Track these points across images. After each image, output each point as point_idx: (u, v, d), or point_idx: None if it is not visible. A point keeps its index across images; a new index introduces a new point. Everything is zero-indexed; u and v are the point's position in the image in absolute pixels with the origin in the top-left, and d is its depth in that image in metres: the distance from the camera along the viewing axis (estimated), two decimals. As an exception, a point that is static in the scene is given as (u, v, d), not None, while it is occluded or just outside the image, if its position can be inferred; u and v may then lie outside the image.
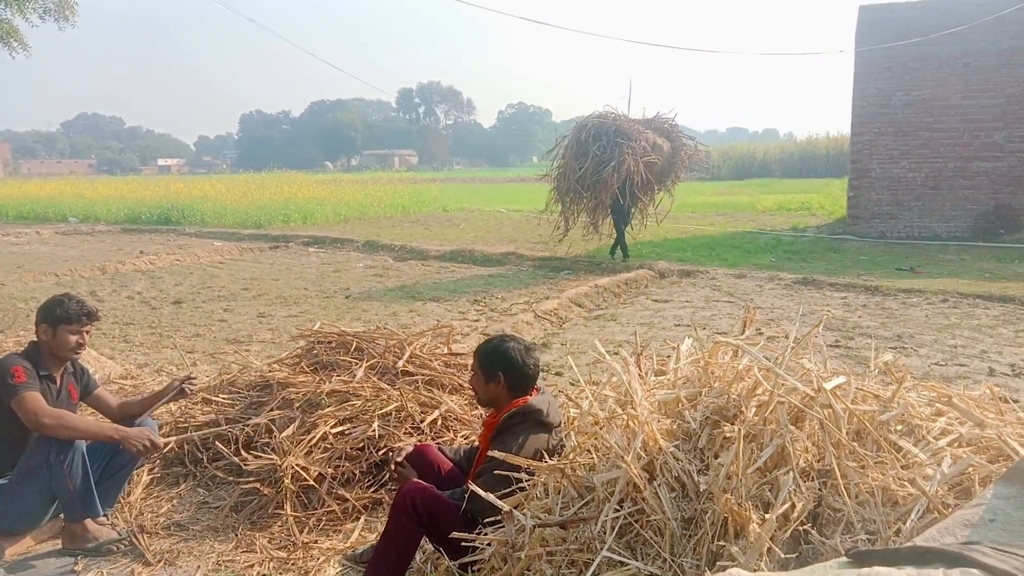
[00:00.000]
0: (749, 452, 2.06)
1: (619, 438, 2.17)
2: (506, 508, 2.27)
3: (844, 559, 1.43)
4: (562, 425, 2.85)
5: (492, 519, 2.41)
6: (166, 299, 9.61)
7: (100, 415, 3.57)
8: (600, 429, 2.31)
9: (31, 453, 3.03)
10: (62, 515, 3.18)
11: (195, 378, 3.71)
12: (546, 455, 2.58)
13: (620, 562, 2.00)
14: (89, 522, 3.16)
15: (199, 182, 35.58)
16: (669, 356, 3.04)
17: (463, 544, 2.42)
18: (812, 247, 13.49)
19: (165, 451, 3.43)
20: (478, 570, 2.42)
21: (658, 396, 2.40)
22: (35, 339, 3.31)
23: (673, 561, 1.98)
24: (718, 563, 1.88)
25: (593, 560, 2.01)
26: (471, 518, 2.58)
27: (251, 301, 9.44)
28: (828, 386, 2.20)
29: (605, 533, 2.05)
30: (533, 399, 2.76)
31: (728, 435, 2.11)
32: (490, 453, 2.53)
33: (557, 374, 5.96)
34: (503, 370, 2.77)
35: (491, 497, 2.29)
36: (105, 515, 3.30)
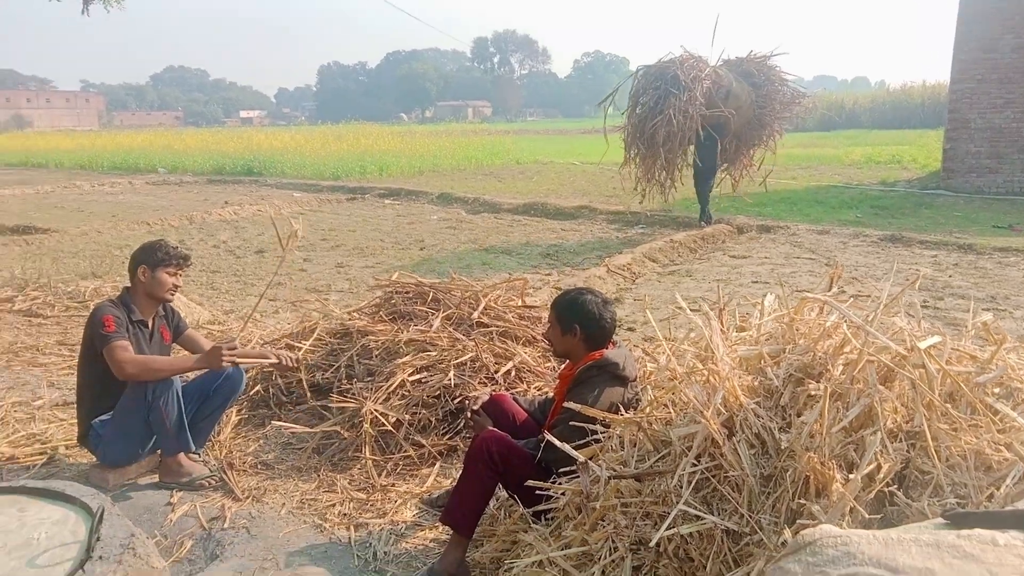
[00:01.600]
0: (834, 411, 2.00)
1: (699, 393, 2.14)
2: (581, 459, 2.28)
3: (940, 520, 1.37)
4: (638, 379, 2.84)
5: (566, 469, 2.42)
6: (249, 248, 9.94)
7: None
8: (679, 384, 2.28)
9: (130, 392, 3.21)
10: (159, 451, 3.38)
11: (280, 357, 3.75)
12: (622, 408, 2.58)
13: (696, 516, 1.99)
14: (183, 458, 3.35)
15: (279, 134, 36.45)
16: (749, 312, 2.97)
17: (537, 492, 2.45)
18: (902, 202, 12.85)
19: (246, 363, 3.55)
20: (551, 518, 2.45)
21: (740, 352, 2.35)
22: (128, 285, 3.46)
23: (751, 517, 1.95)
24: (798, 521, 1.84)
25: (668, 513, 2.00)
26: (545, 467, 2.61)
27: (330, 251, 9.67)
28: (922, 345, 2.10)
29: (682, 487, 2.03)
30: (610, 352, 2.74)
31: (813, 393, 2.05)
32: (566, 404, 2.54)
33: (629, 329, 5.91)
34: (580, 322, 2.76)
35: (567, 447, 2.31)
36: (197, 453, 3.49)
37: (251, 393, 4.15)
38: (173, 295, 3.50)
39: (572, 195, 14.59)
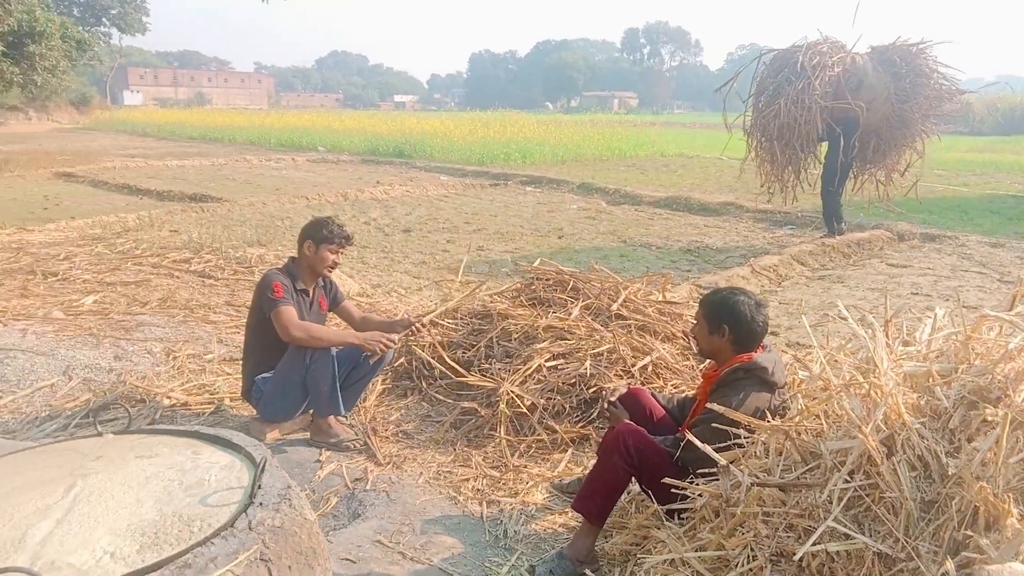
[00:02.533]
0: (1013, 440, 1.83)
1: (857, 407, 2.03)
2: (723, 462, 2.22)
3: None
4: (787, 387, 2.72)
5: (704, 471, 2.37)
6: (397, 227, 10.37)
7: (345, 325, 3.98)
8: (835, 395, 2.17)
9: (291, 355, 3.46)
10: (312, 411, 3.61)
11: (423, 326, 3.91)
12: (768, 415, 2.49)
13: (846, 534, 1.89)
14: (333, 420, 3.57)
15: (430, 118, 37.66)
16: (913, 326, 2.77)
17: (672, 491, 2.41)
18: (1096, 217, 11.51)
19: (397, 346, 3.72)
20: (685, 518, 2.41)
21: (905, 368, 2.20)
22: (294, 255, 3.71)
23: (907, 543, 1.83)
24: (963, 553, 1.71)
25: (815, 528, 1.92)
26: (681, 466, 2.57)
27: (471, 234, 9.91)
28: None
29: (831, 503, 1.94)
30: (759, 356, 2.65)
31: (989, 418, 1.89)
32: (708, 405, 2.48)
33: (772, 333, 5.67)
34: (729, 323, 2.68)
35: (708, 449, 2.26)
36: (345, 416, 3.71)
37: (396, 364, 4.34)
38: (332, 271, 3.72)
39: (717, 191, 14.15)
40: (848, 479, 1.98)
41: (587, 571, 2.48)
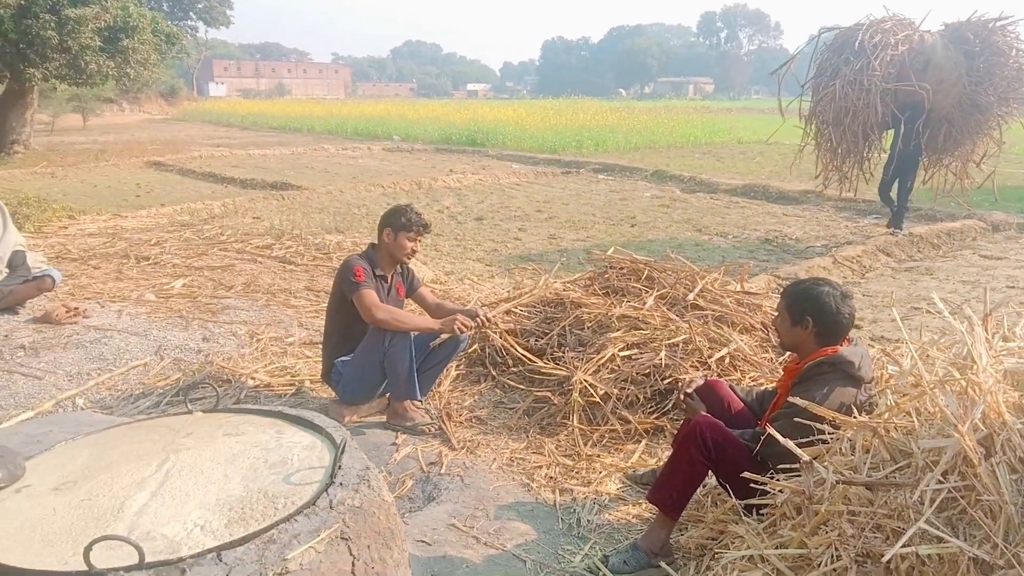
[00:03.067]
0: None
1: (952, 404, 1.93)
2: (806, 458, 2.16)
3: None
4: (874, 382, 2.62)
5: (785, 467, 2.31)
6: (469, 215, 10.44)
7: (420, 311, 4.04)
8: (928, 391, 2.07)
9: (370, 338, 3.53)
10: (388, 395, 3.69)
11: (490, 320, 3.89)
12: (854, 410, 2.40)
13: (938, 537, 1.81)
14: (409, 404, 3.63)
15: (502, 107, 37.74)
16: (1013, 322, 2.62)
17: (751, 486, 2.36)
18: None
19: (471, 332, 3.75)
20: (764, 514, 2.35)
21: (1006, 364, 2.08)
22: (374, 242, 3.78)
23: (1006, 549, 1.74)
24: (1069, 564, 1.61)
25: (905, 529, 1.84)
26: (760, 461, 2.51)
27: (543, 222, 9.90)
28: None
29: (923, 504, 1.86)
30: (844, 349, 2.55)
31: (1100, 421, 1.77)
32: (790, 399, 2.41)
33: (855, 327, 5.46)
34: (813, 315, 2.59)
35: (790, 444, 2.19)
36: (421, 400, 3.77)
37: (470, 351, 4.38)
38: (410, 258, 3.78)
39: (797, 178, 13.68)
40: (942, 480, 1.89)
41: (662, 563, 2.45)
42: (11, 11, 13.74)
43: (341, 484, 2.25)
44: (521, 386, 3.99)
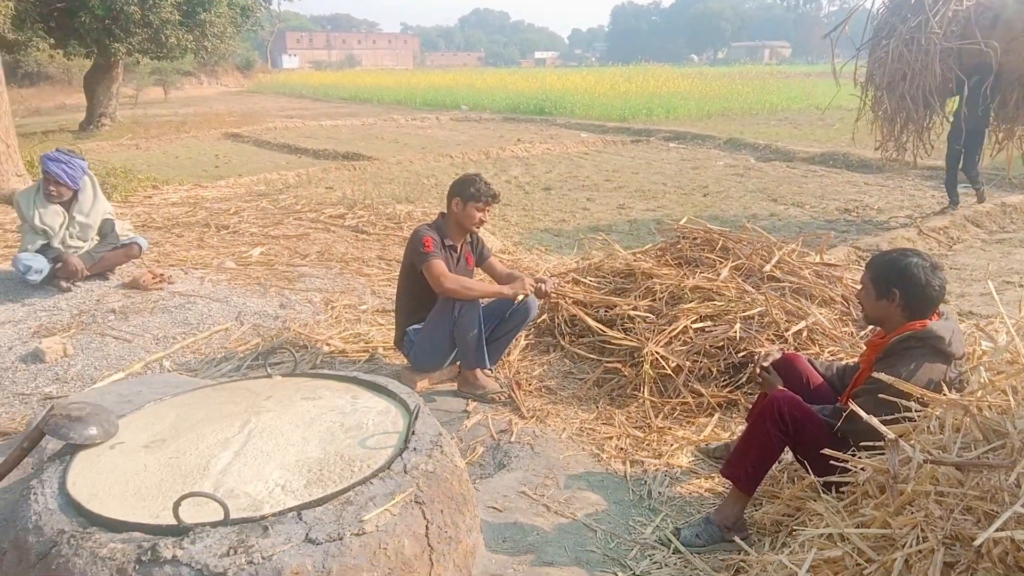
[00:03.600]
0: None
1: (1056, 384, 1.82)
2: (891, 435, 2.07)
3: None
4: (965, 358, 2.49)
5: (867, 444, 2.23)
6: (537, 185, 10.39)
7: (490, 279, 4.05)
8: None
9: (440, 307, 3.56)
10: (459, 363, 3.72)
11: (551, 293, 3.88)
12: (945, 387, 2.29)
13: (1036, 523, 1.72)
14: (479, 372, 3.66)
15: (570, 75, 37.23)
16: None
17: (831, 463, 2.29)
18: None
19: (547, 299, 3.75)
20: (844, 492, 2.28)
21: (1117, 342, 1.95)
22: (444, 212, 3.79)
23: (1112, 539, 1.64)
24: None
25: (999, 513, 1.75)
26: (841, 438, 2.43)
27: (612, 192, 9.77)
28: None
29: (1020, 487, 1.76)
30: (934, 324, 2.43)
31: None
32: (875, 375, 2.32)
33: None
34: (900, 287, 2.47)
35: (874, 421, 2.11)
36: (491, 369, 3.79)
37: (539, 321, 4.38)
38: (479, 228, 3.78)
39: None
40: (1040, 462, 1.79)
41: (736, 538, 2.41)
42: (97, -12, 14.27)
43: (415, 449, 2.29)
44: (591, 356, 3.97)
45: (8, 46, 13.94)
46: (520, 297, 3.65)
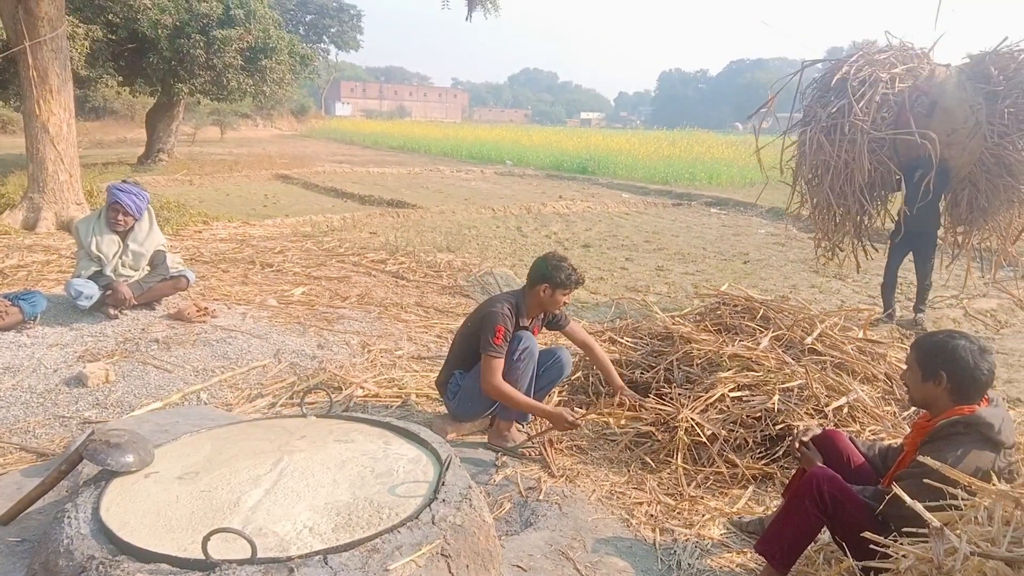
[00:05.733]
0: None
1: (1114, 482, 1.75)
2: (936, 523, 2.00)
3: None
4: (1015, 447, 2.41)
5: (910, 530, 2.15)
6: (576, 242, 10.44)
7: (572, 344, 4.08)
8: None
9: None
10: (492, 415, 3.70)
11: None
12: (994, 476, 2.21)
13: (1091, 629, 1.63)
14: (514, 426, 3.63)
15: (615, 136, 37.66)
16: None
17: (871, 547, 2.21)
18: None
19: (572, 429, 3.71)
20: (883, 579, 2.19)
21: None
22: (525, 287, 3.72)
23: None
24: None
25: (1051, 615, 1.67)
26: (882, 521, 2.35)
27: (651, 253, 9.77)
28: None
29: (1075, 589, 1.68)
30: (983, 410, 2.36)
31: None
32: (920, 458, 2.25)
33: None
34: (948, 370, 2.41)
35: (918, 507, 2.04)
36: (523, 424, 3.77)
37: (573, 378, 4.35)
38: (561, 310, 3.79)
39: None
40: (1097, 564, 1.71)
41: (767, 618, 2.33)
42: (167, 31, 14.98)
43: (444, 500, 2.27)
44: (625, 418, 3.92)
45: (80, 82, 14.62)
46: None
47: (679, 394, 3.83)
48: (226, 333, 5.03)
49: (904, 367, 2.63)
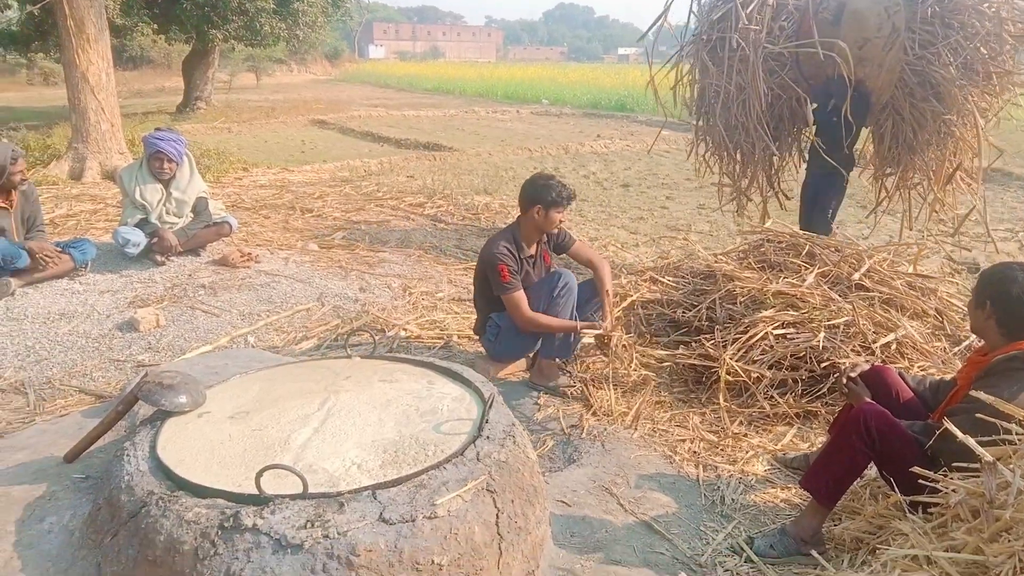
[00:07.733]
0: None
1: None
2: (988, 458, 1.96)
3: None
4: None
5: (961, 465, 2.11)
6: (616, 181, 10.28)
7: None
8: None
9: (535, 293, 3.55)
10: (534, 353, 3.72)
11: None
12: (1051, 412, 2.15)
13: None
14: (555, 363, 3.65)
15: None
16: None
17: (919, 482, 2.18)
18: None
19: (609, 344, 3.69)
20: (933, 514, 2.17)
21: None
22: (519, 219, 3.69)
23: None
24: None
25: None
26: (930, 457, 2.31)
27: (692, 192, 9.59)
28: None
29: None
30: (1042, 345, 2.29)
31: None
32: (973, 393, 2.19)
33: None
34: (993, 299, 2.36)
35: (970, 441, 2.00)
36: (566, 362, 3.78)
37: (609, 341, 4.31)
38: (559, 229, 3.75)
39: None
40: None
41: (813, 552, 2.33)
42: (199, -24, 14.88)
43: (488, 438, 2.30)
44: (667, 356, 3.89)
45: (116, 30, 14.65)
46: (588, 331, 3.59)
47: (722, 333, 3.78)
48: (270, 278, 5.11)
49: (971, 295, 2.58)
